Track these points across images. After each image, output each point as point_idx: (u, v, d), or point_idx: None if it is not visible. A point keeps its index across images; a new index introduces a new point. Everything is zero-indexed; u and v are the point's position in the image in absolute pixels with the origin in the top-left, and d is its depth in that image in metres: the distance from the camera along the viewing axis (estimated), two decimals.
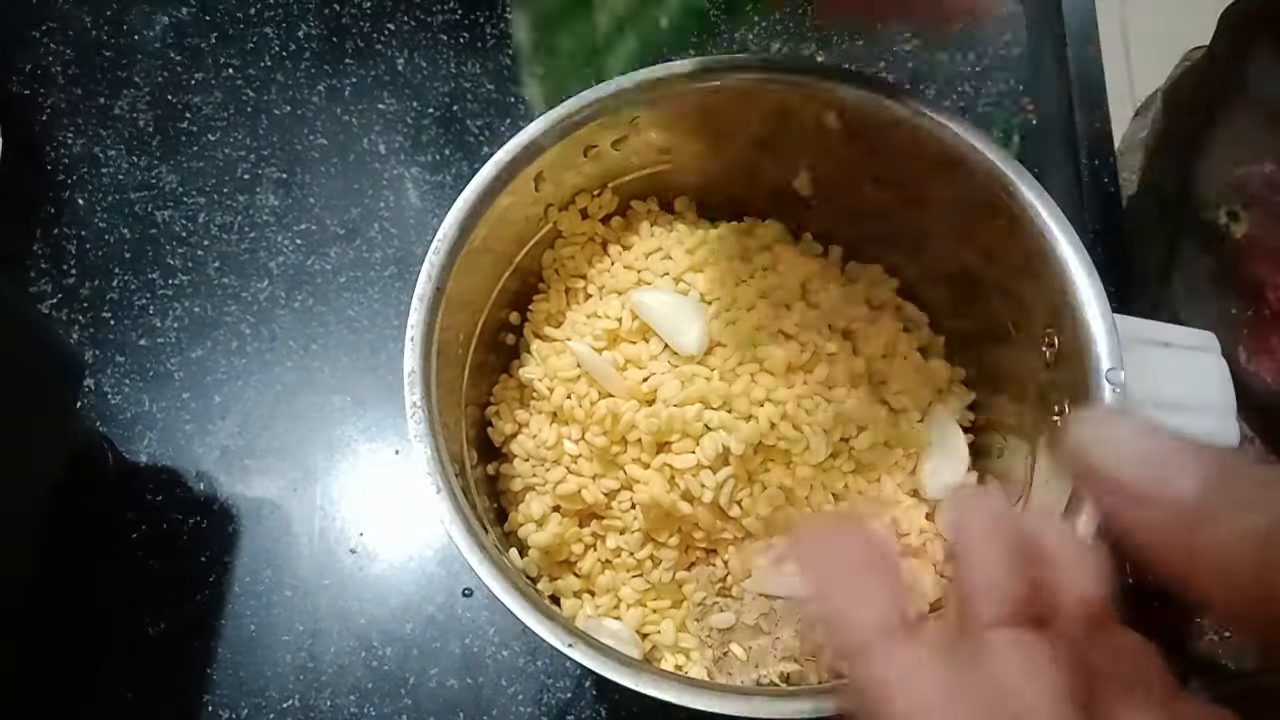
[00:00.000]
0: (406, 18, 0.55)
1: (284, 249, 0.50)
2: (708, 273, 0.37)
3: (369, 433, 0.46)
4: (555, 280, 0.40)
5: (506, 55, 0.54)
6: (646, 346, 0.36)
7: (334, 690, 0.42)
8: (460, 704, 0.41)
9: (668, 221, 0.41)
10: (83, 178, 0.51)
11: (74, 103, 0.53)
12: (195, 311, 0.48)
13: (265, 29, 0.55)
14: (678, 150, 0.40)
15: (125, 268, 0.49)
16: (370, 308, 0.48)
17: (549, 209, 0.39)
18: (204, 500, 0.45)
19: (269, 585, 0.43)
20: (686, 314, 0.36)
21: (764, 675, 0.34)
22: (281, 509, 0.45)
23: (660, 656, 0.36)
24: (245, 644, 0.42)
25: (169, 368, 0.47)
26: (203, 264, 0.49)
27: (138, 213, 0.50)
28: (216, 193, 0.51)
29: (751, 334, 0.36)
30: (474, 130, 0.52)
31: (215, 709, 0.41)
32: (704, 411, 0.35)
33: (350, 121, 0.52)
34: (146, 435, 0.46)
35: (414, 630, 0.42)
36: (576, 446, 0.36)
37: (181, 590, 0.43)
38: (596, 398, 0.36)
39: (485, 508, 0.36)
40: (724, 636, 0.35)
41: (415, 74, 0.53)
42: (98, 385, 0.47)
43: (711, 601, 0.35)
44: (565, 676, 0.42)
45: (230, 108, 0.53)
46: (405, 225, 0.50)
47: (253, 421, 0.46)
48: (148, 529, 0.44)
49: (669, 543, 0.36)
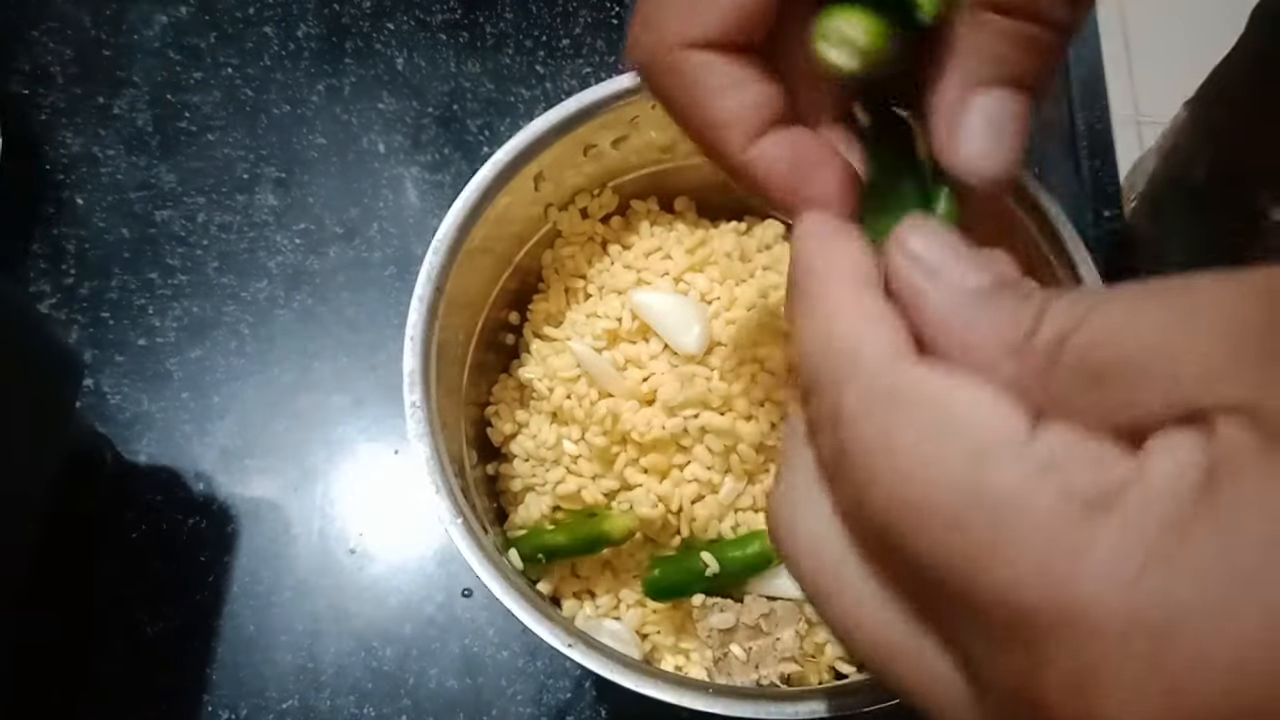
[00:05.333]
0: (406, 17, 0.55)
1: (283, 249, 0.50)
2: (708, 273, 0.37)
3: (369, 433, 0.46)
4: (555, 280, 0.40)
5: (506, 55, 0.54)
6: (646, 346, 0.36)
7: (334, 690, 0.41)
8: (460, 704, 0.41)
9: (668, 221, 0.41)
10: (82, 178, 0.51)
11: (74, 103, 0.53)
12: (194, 311, 0.48)
13: (265, 29, 0.55)
14: (678, 150, 0.40)
15: (124, 268, 0.49)
16: (370, 308, 0.48)
17: (549, 209, 0.39)
18: (203, 500, 0.45)
19: (268, 585, 0.43)
20: (686, 314, 0.36)
21: (764, 676, 0.34)
22: (281, 509, 0.45)
23: (660, 657, 0.36)
24: (245, 644, 0.42)
25: (168, 368, 0.47)
26: (202, 264, 0.49)
27: (137, 213, 0.50)
28: (216, 192, 0.51)
29: (751, 334, 0.36)
30: (474, 130, 0.52)
31: (215, 709, 0.41)
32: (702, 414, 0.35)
33: (350, 121, 0.52)
34: (146, 435, 0.46)
35: (413, 631, 0.42)
36: (576, 447, 0.36)
37: (181, 590, 0.43)
38: (596, 398, 0.35)
39: (485, 508, 0.36)
40: (724, 637, 0.35)
41: (415, 74, 0.53)
42: (97, 385, 0.47)
43: (711, 602, 0.35)
44: (565, 676, 0.42)
45: (229, 107, 0.53)
46: (405, 225, 0.50)
47: (252, 421, 0.46)
48: (147, 529, 0.44)
49: (670, 544, 0.36)
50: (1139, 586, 0.13)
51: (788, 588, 0.35)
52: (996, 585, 0.14)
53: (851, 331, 0.18)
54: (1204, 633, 0.12)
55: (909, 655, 0.16)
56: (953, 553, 0.15)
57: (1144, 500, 0.14)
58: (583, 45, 0.54)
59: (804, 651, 0.34)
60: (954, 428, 0.15)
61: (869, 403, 0.17)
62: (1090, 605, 0.13)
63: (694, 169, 0.41)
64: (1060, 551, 0.14)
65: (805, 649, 0.34)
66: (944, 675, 0.16)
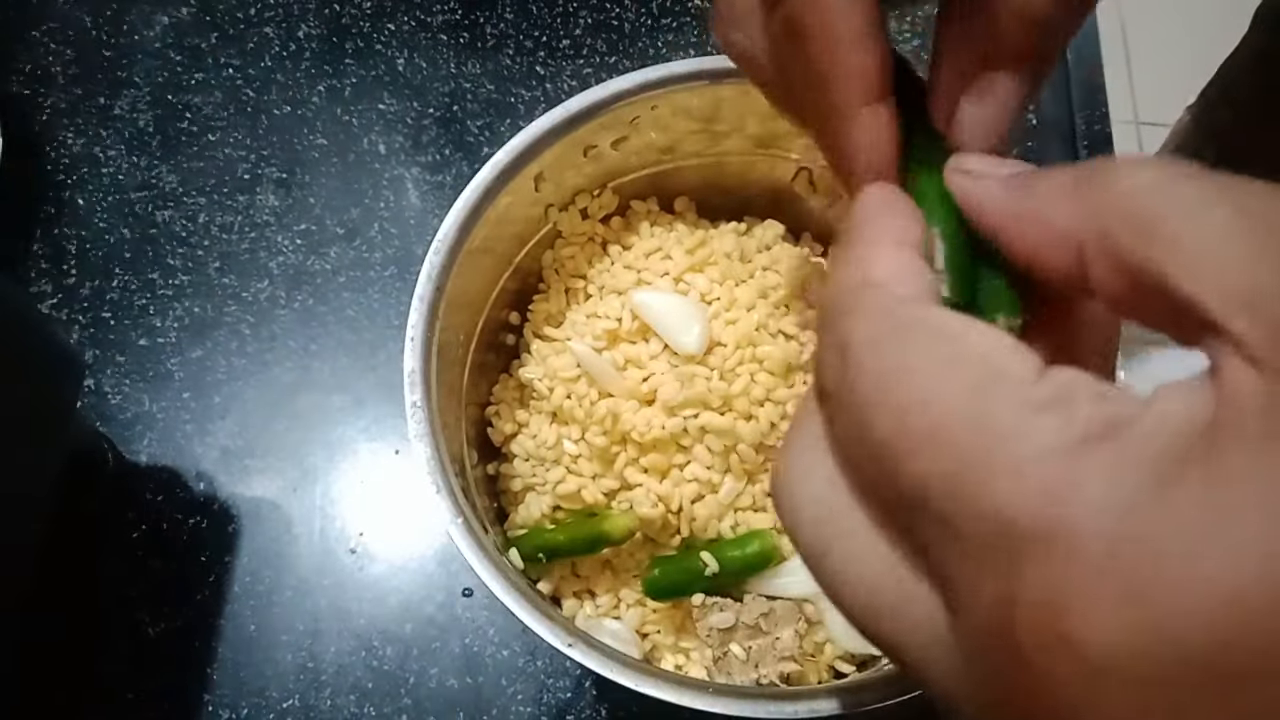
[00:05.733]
0: (406, 18, 0.55)
1: (284, 249, 0.50)
2: (708, 273, 0.37)
3: (369, 433, 0.46)
4: (555, 280, 0.40)
5: (506, 55, 0.54)
6: (646, 346, 0.36)
7: (334, 690, 0.42)
8: (460, 704, 0.41)
9: (668, 221, 0.41)
10: (83, 178, 0.51)
11: (74, 103, 0.53)
12: (195, 311, 0.48)
13: (265, 29, 0.55)
14: (678, 150, 0.40)
15: (125, 268, 0.49)
16: (370, 308, 0.48)
17: (549, 209, 0.39)
18: (204, 500, 0.45)
19: (269, 585, 0.43)
20: (686, 314, 0.36)
21: (764, 675, 0.34)
22: (281, 509, 0.45)
23: (660, 656, 0.37)
24: (245, 644, 0.42)
25: (169, 368, 0.47)
26: (203, 264, 0.49)
27: (138, 213, 0.50)
28: (216, 193, 0.51)
29: (751, 334, 0.36)
30: (474, 130, 0.52)
31: (215, 709, 0.41)
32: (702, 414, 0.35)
33: (350, 122, 0.52)
34: (146, 435, 0.46)
35: (414, 630, 0.42)
36: (576, 446, 0.36)
37: (181, 590, 0.43)
38: (596, 398, 0.36)
39: (485, 508, 0.36)
40: (724, 636, 0.35)
41: (415, 74, 0.53)
42: (98, 385, 0.47)
43: (711, 601, 0.35)
44: (565, 676, 0.42)
45: (230, 108, 0.53)
46: (405, 225, 0.50)
47: (253, 421, 0.46)
48: (148, 529, 0.44)
49: (670, 543, 0.36)
50: (1125, 517, 0.13)
51: (787, 587, 0.35)
52: (982, 501, 0.14)
53: (881, 274, 0.18)
54: (1181, 567, 0.12)
55: (894, 601, 0.16)
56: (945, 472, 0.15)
57: (1144, 435, 0.14)
58: (583, 46, 0.54)
59: (803, 651, 0.34)
60: (963, 360, 0.16)
61: (881, 332, 0.17)
62: (1074, 527, 0.13)
63: (694, 169, 0.41)
64: (1051, 475, 0.14)
65: (805, 648, 0.35)
66: (924, 615, 0.16)
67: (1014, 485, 0.14)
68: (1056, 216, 0.17)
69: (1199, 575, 0.12)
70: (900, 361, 0.16)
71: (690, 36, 0.54)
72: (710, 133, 0.39)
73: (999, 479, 0.14)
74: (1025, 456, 0.14)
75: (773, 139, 0.39)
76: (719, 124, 0.39)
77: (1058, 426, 0.14)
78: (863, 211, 0.20)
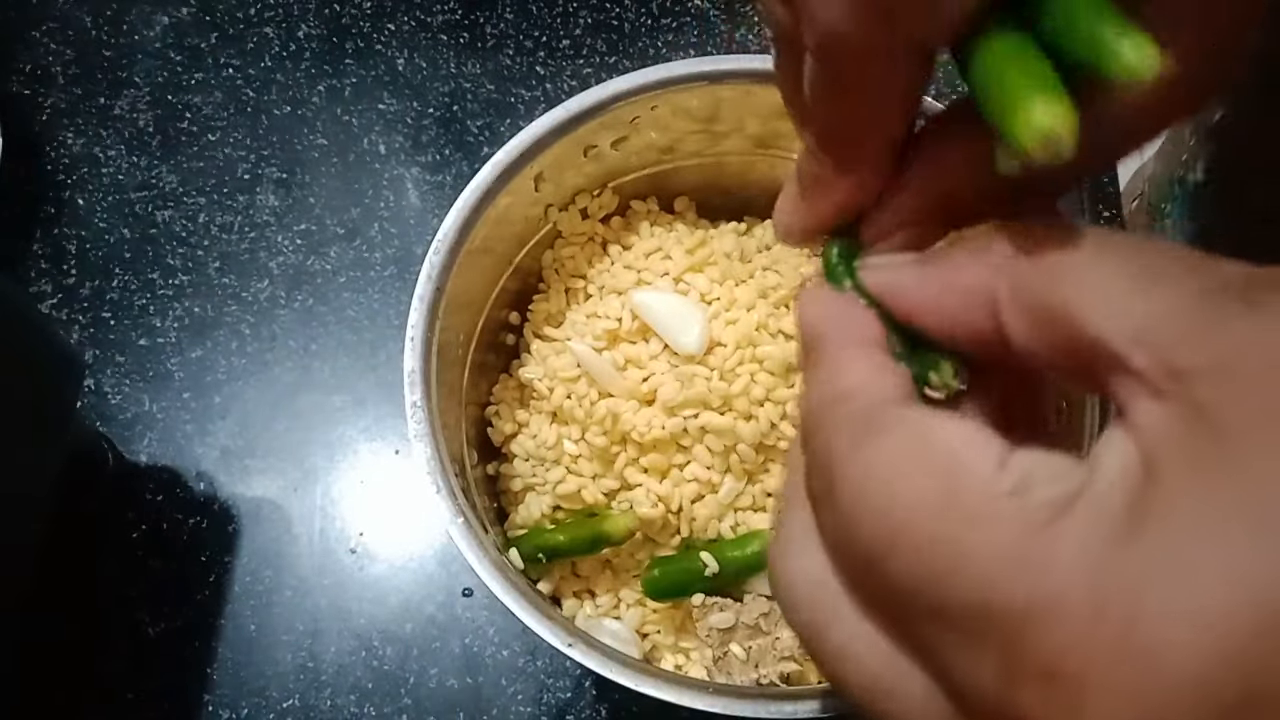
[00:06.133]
0: (406, 18, 0.55)
1: (284, 249, 0.50)
2: (708, 273, 0.37)
3: (369, 433, 0.46)
4: (555, 280, 0.40)
5: (506, 55, 0.54)
6: (646, 346, 0.36)
7: (334, 690, 0.42)
8: (460, 704, 0.41)
9: (668, 221, 0.41)
10: (83, 178, 0.51)
11: (74, 103, 0.53)
12: (195, 311, 0.48)
13: (265, 29, 0.55)
14: (678, 150, 0.40)
15: (125, 268, 0.49)
16: (370, 308, 0.48)
17: (549, 209, 0.39)
18: (204, 500, 0.45)
19: (269, 585, 0.43)
20: (686, 314, 0.36)
21: (764, 675, 0.34)
22: (281, 509, 0.45)
23: (660, 656, 0.37)
24: (245, 644, 0.42)
25: (169, 368, 0.47)
26: (203, 264, 0.49)
27: (138, 213, 0.50)
28: (216, 193, 0.51)
29: (751, 334, 0.36)
30: (474, 130, 0.52)
31: (215, 709, 0.41)
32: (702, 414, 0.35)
33: (350, 121, 0.52)
34: (146, 435, 0.46)
35: (414, 630, 0.42)
36: (576, 446, 0.36)
37: (181, 590, 0.43)
38: (596, 398, 0.36)
39: (485, 508, 0.36)
40: (723, 636, 0.35)
41: (415, 74, 0.53)
42: (98, 385, 0.47)
43: (711, 601, 0.35)
44: (565, 676, 0.42)
45: (230, 108, 0.53)
46: (405, 225, 0.50)
47: (253, 421, 0.46)
48: (148, 529, 0.44)
49: (669, 543, 0.36)
50: (1100, 574, 0.13)
51: None
52: (968, 590, 0.15)
53: (849, 383, 0.19)
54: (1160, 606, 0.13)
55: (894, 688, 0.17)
56: (926, 569, 0.15)
57: (1096, 498, 0.14)
58: (583, 46, 0.54)
59: (803, 651, 0.34)
60: (930, 457, 0.16)
61: (855, 440, 0.17)
62: (1057, 593, 0.14)
63: (694, 169, 0.41)
64: (1027, 552, 0.14)
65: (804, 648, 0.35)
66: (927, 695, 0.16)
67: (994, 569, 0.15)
68: (966, 277, 0.18)
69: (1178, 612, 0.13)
70: (874, 468, 0.17)
71: (690, 36, 0.54)
72: (710, 133, 0.39)
73: (979, 566, 0.15)
74: (999, 542, 0.15)
75: (773, 139, 0.39)
76: (719, 124, 0.39)
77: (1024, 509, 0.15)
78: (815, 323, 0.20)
